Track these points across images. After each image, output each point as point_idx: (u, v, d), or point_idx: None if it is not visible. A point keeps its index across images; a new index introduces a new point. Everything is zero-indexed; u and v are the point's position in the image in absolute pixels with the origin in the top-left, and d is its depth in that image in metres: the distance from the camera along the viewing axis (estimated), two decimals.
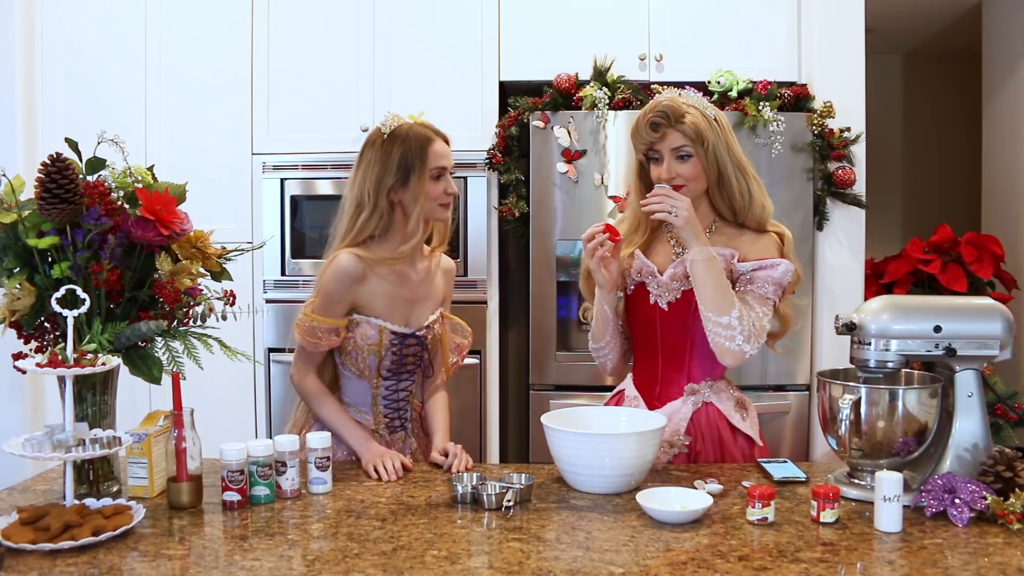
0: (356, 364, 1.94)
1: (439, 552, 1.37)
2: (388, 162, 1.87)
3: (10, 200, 1.65)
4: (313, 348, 1.90)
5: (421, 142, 1.88)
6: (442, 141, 1.92)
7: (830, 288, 3.23)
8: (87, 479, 1.65)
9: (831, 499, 1.48)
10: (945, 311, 1.64)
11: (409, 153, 1.86)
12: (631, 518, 1.52)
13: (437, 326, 2.02)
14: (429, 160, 1.88)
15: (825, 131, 3.16)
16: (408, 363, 1.98)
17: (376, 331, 1.90)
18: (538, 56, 3.30)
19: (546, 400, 3.14)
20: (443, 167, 1.90)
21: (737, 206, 1.90)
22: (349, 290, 1.87)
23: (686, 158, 1.85)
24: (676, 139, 1.84)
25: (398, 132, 1.89)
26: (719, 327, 1.79)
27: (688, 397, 1.92)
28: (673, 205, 1.78)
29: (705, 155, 1.85)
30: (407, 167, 1.86)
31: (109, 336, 1.61)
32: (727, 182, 1.88)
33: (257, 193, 3.35)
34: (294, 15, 3.35)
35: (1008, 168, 3.91)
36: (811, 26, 3.24)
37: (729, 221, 1.95)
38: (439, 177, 1.90)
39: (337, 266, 1.86)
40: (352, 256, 1.86)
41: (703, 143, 1.83)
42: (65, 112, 3.31)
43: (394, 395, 2.00)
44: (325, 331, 1.88)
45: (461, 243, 3.29)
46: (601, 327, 1.97)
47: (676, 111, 1.83)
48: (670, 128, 1.84)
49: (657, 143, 1.86)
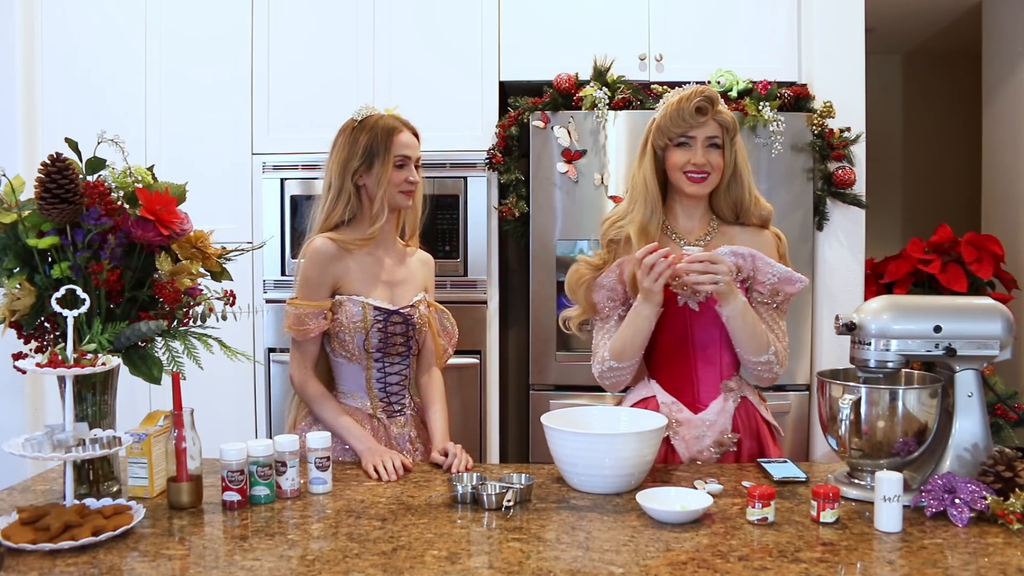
0: (345, 346, 1.98)
1: (439, 552, 1.37)
2: (355, 147, 1.97)
3: (10, 200, 1.65)
4: (303, 336, 1.95)
5: (387, 131, 1.97)
6: (409, 132, 2.01)
7: (830, 288, 3.23)
8: (87, 479, 1.65)
9: (831, 499, 1.48)
10: (945, 311, 1.64)
11: (375, 140, 1.96)
12: (631, 518, 1.52)
13: (423, 307, 2.05)
14: (393, 148, 1.96)
15: (825, 131, 3.16)
16: (396, 343, 2.00)
17: (360, 308, 1.95)
18: (538, 56, 3.30)
19: (546, 400, 3.14)
20: (406, 156, 1.98)
21: (745, 204, 1.92)
22: (326, 270, 1.95)
23: (715, 148, 1.88)
24: (712, 128, 1.87)
25: (367, 121, 1.99)
26: (759, 365, 1.87)
27: (727, 394, 1.93)
28: (716, 273, 1.75)
29: (730, 149, 1.88)
30: (372, 153, 1.96)
31: (109, 336, 1.61)
32: (739, 178, 1.91)
33: (257, 193, 3.35)
34: (294, 15, 3.35)
35: (1008, 168, 3.91)
36: (811, 26, 3.24)
37: (727, 221, 1.96)
38: (402, 166, 1.98)
39: (312, 249, 1.95)
40: (324, 238, 1.96)
41: (732, 136, 1.88)
42: (65, 112, 3.31)
43: (388, 378, 2.02)
44: (311, 315, 1.93)
45: (461, 243, 3.29)
46: (637, 345, 1.87)
47: (718, 100, 1.87)
48: (711, 115, 1.86)
49: (695, 128, 1.86)
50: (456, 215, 3.27)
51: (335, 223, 1.98)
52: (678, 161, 1.88)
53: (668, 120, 1.87)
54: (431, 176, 3.23)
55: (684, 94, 1.88)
